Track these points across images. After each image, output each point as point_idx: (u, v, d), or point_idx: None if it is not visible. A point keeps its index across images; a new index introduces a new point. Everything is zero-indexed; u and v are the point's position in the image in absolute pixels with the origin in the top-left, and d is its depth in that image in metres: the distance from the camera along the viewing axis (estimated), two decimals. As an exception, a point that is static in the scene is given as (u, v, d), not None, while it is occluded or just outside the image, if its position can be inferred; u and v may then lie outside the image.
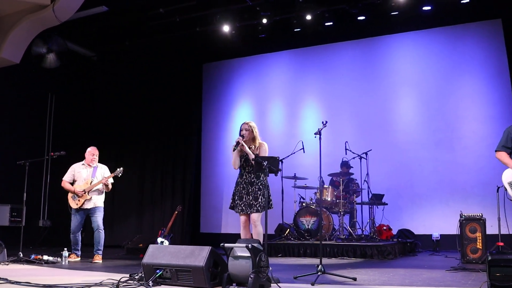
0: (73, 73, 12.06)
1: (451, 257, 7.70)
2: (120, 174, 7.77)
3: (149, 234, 10.63)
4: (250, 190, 5.93)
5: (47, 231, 11.20)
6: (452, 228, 7.70)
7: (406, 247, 8.88)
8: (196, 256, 4.41)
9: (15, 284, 4.54)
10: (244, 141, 6.03)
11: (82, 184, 7.73)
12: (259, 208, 5.84)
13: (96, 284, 4.42)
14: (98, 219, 7.74)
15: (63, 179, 7.93)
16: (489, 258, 3.81)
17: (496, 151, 5.74)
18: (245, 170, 6.04)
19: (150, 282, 4.43)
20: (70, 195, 7.79)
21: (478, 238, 6.98)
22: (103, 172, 7.91)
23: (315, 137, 5.51)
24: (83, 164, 7.99)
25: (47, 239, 11.04)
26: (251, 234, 6.08)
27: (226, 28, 10.39)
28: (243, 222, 6.03)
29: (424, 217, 9.90)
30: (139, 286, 4.43)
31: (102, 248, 7.74)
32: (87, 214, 7.81)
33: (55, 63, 10.31)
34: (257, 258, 4.26)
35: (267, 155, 5.96)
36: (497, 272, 3.73)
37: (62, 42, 10.35)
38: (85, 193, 7.66)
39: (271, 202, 5.90)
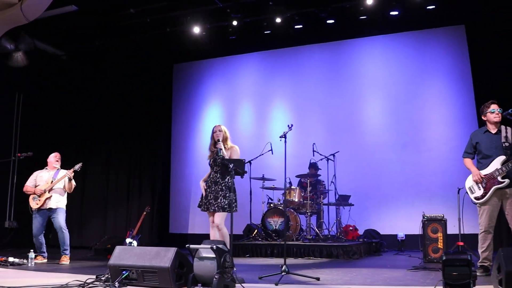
0: (42, 72, 11.90)
1: (415, 257, 7.90)
2: (79, 169, 7.73)
3: (117, 234, 10.60)
4: (213, 189, 5.99)
5: (13, 232, 11.04)
6: (416, 228, 7.88)
7: (372, 247, 9.05)
8: (162, 257, 4.46)
9: (-21, 286, 4.52)
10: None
11: (43, 185, 7.71)
12: (216, 208, 5.87)
13: (62, 286, 4.43)
14: (60, 219, 7.68)
15: (25, 184, 7.89)
16: (444, 258, 3.95)
17: (463, 157, 5.92)
18: (213, 169, 6.13)
19: (116, 283, 4.47)
20: (31, 196, 7.76)
21: (439, 238, 7.19)
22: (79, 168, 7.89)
23: (281, 140, 5.61)
24: (46, 169, 8.01)
25: (13, 240, 10.89)
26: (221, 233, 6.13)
27: (196, 30, 10.42)
28: (211, 221, 6.08)
29: (390, 217, 10.08)
30: (105, 287, 4.46)
31: (68, 248, 7.71)
32: (48, 216, 7.75)
33: (22, 62, 10.24)
34: (222, 259, 4.34)
35: (239, 157, 6.02)
36: (452, 271, 3.87)
37: (30, 41, 10.28)
38: (45, 192, 7.63)
39: (234, 205, 5.83)
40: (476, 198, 5.56)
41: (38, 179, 7.86)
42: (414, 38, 10.54)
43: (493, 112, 5.61)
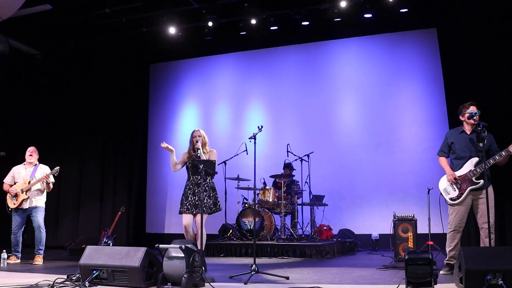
0: (16, 70, 11.82)
1: (387, 256, 8.02)
2: (56, 173, 7.72)
3: (91, 234, 10.58)
4: (196, 191, 6.13)
5: (-14, 232, 10.94)
6: (390, 228, 8.02)
7: (345, 246, 9.16)
8: (132, 256, 4.51)
9: None
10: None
11: (21, 184, 7.68)
12: (204, 209, 6.01)
13: (31, 286, 4.44)
14: (39, 218, 7.69)
15: (3, 181, 7.87)
16: (406, 257, 4.06)
17: (437, 155, 6.02)
18: (192, 172, 6.24)
19: (87, 282, 4.51)
20: (8, 195, 7.73)
21: (409, 237, 7.33)
22: (43, 172, 7.86)
23: (250, 141, 5.69)
24: (24, 164, 7.97)
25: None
26: (195, 234, 6.21)
27: (172, 30, 10.43)
28: (185, 223, 6.14)
29: (364, 217, 10.22)
30: (75, 287, 4.48)
31: (43, 248, 7.71)
32: (27, 215, 7.75)
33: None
34: (191, 259, 4.40)
35: (216, 160, 6.20)
36: (414, 270, 3.99)
37: (4, 40, 10.20)
38: (22, 192, 7.61)
39: (218, 204, 6.22)
40: (452, 199, 5.66)
41: (16, 176, 7.86)
42: (387, 40, 10.69)
43: (471, 114, 5.70)
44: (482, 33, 9.14)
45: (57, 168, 7.72)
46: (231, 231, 9.33)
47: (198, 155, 6.11)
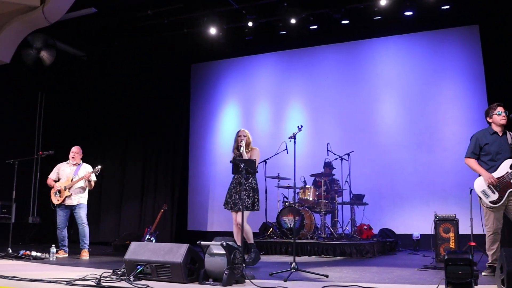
0: (63, 72, 12.21)
1: (428, 256, 7.94)
2: (98, 172, 8.01)
3: (134, 231, 10.84)
4: (238, 189, 6.41)
5: (36, 227, 11.37)
6: (431, 228, 7.95)
7: (386, 246, 9.11)
8: (175, 253, 4.65)
9: (2, 278, 4.74)
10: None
11: (64, 181, 8.00)
12: (240, 207, 6.14)
13: (79, 279, 4.63)
14: (82, 214, 8.00)
15: (48, 177, 8.22)
16: (446, 257, 4.05)
17: (465, 157, 5.93)
18: (233, 171, 6.42)
19: (131, 277, 4.66)
20: (52, 191, 8.07)
21: (451, 238, 7.24)
22: (86, 170, 8.15)
23: (290, 141, 5.76)
24: (67, 162, 8.27)
25: (36, 235, 11.23)
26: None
27: (213, 31, 10.58)
28: (235, 219, 6.56)
29: (405, 217, 10.15)
30: (120, 281, 4.65)
31: (88, 242, 8.02)
32: (71, 211, 8.06)
33: (44, 62, 10.53)
34: (232, 255, 4.51)
35: (259, 158, 6.57)
36: (454, 270, 3.97)
37: (52, 42, 10.55)
38: (65, 189, 7.92)
39: (256, 204, 6.50)
40: (492, 202, 5.56)
41: (61, 173, 8.19)
42: (428, 38, 10.56)
43: (500, 115, 5.65)
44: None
45: (99, 167, 8.00)
46: (271, 229, 9.42)
47: (241, 152, 6.39)
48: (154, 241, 9.25)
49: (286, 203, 9.32)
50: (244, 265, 4.66)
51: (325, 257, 8.16)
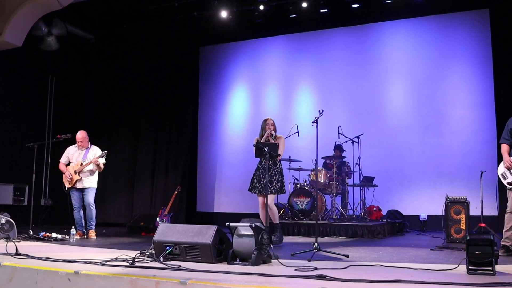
0: (73, 56, 12.27)
1: (437, 237, 8.14)
2: (104, 156, 8.21)
3: (145, 212, 11.01)
4: (266, 174, 6.58)
5: (48, 209, 11.54)
6: (438, 209, 8.14)
7: (395, 227, 9.32)
8: (204, 234, 4.81)
9: (37, 259, 4.90)
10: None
11: (74, 165, 8.19)
12: (273, 190, 6.78)
13: (112, 259, 4.79)
14: (89, 197, 8.20)
15: (60, 161, 8.41)
16: (468, 238, 4.22)
17: (500, 143, 6.07)
18: (257, 155, 6.78)
19: (161, 257, 4.82)
20: (64, 175, 8.25)
21: (462, 219, 7.42)
22: (95, 153, 8.30)
23: (312, 125, 5.89)
24: (76, 146, 8.42)
25: (48, 217, 11.40)
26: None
27: (224, 14, 10.64)
28: (261, 203, 6.86)
29: (413, 198, 10.34)
30: (151, 261, 4.81)
31: (94, 223, 8.28)
32: (82, 192, 8.25)
33: (53, 46, 10.61)
34: (260, 236, 4.67)
35: (284, 146, 7.05)
36: (475, 250, 4.15)
37: (62, 26, 10.62)
38: (75, 173, 8.10)
39: (283, 188, 6.97)
40: (510, 184, 5.76)
41: (70, 156, 8.37)
42: (438, 22, 10.63)
43: None
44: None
45: (105, 152, 8.22)
46: (283, 210, 9.59)
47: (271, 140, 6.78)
48: (168, 223, 9.41)
49: (297, 185, 9.48)
50: (271, 245, 4.82)
51: (337, 237, 8.36)
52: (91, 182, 8.24)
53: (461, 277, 4.01)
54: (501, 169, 5.88)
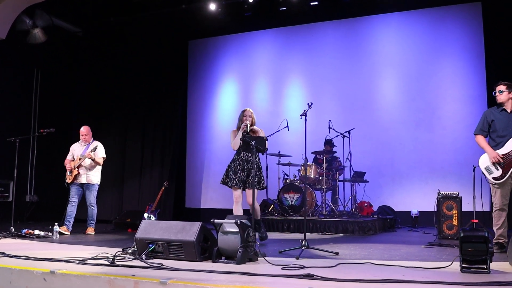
0: (59, 49, 12.00)
1: (429, 233, 8.03)
2: (94, 150, 8.09)
3: (133, 208, 10.83)
4: (245, 167, 6.40)
5: (34, 206, 11.31)
6: (430, 205, 8.01)
7: (386, 223, 9.19)
8: (187, 231, 4.62)
9: (13, 258, 4.70)
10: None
11: (75, 161, 8.14)
12: (250, 185, 6.26)
13: (92, 258, 4.61)
14: (91, 196, 8.18)
15: (67, 158, 8.40)
16: (461, 234, 4.07)
17: (474, 134, 5.92)
18: (243, 149, 6.44)
19: (143, 255, 4.64)
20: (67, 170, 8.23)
21: (454, 215, 7.29)
22: (94, 148, 8.13)
23: (301, 118, 5.71)
24: (79, 142, 8.41)
25: (34, 214, 11.18)
26: (242, 210, 6.44)
27: (212, 6, 10.45)
28: (236, 196, 6.44)
29: (404, 194, 10.22)
30: (133, 259, 4.63)
31: (94, 222, 8.26)
32: (83, 189, 8.23)
33: (40, 39, 10.36)
34: (245, 234, 4.50)
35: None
36: (469, 247, 4.00)
37: (47, 18, 10.37)
38: (74, 168, 8.08)
39: (262, 183, 6.45)
40: (495, 179, 5.57)
41: (74, 153, 8.37)
42: (429, 15, 10.49)
43: (495, 94, 5.74)
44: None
45: (95, 145, 8.13)
46: (272, 206, 9.43)
47: (248, 131, 6.31)
48: (155, 219, 9.24)
49: (287, 181, 9.32)
50: (257, 243, 4.65)
51: (327, 234, 8.21)
52: (90, 177, 8.20)
53: (455, 275, 3.86)
54: (484, 162, 5.67)
